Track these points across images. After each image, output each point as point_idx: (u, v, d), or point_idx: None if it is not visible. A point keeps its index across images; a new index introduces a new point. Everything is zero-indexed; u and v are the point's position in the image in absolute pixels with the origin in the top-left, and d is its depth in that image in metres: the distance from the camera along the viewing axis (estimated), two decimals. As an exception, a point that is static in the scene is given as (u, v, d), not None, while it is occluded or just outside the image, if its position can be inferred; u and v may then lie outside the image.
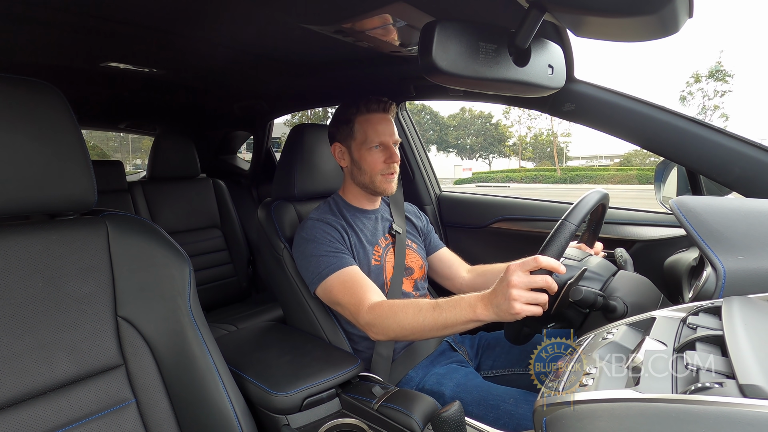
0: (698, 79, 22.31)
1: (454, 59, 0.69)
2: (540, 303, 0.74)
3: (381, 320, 0.92)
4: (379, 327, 0.93)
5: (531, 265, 0.74)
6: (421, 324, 0.87)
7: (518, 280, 0.73)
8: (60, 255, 0.68)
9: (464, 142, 34.49)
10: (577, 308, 0.82)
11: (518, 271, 0.74)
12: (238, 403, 0.78)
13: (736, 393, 0.38)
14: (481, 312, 0.79)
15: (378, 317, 0.93)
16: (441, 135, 33.91)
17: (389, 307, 0.93)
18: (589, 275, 0.86)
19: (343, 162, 1.17)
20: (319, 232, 1.07)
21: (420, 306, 0.88)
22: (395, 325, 0.90)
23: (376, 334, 0.95)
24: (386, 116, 1.14)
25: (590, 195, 0.87)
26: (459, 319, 0.82)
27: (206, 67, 1.46)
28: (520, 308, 0.73)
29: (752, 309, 0.53)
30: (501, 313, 0.76)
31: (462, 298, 0.84)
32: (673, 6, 0.55)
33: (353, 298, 0.99)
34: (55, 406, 0.64)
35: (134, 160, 28.63)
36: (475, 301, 0.81)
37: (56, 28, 1.05)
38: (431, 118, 34.00)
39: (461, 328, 0.84)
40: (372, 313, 0.94)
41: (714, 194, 1.09)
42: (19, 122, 0.63)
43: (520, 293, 0.73)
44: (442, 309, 0.85)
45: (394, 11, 0.89)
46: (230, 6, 0.92)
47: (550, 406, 0.50)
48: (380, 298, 0.99)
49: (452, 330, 0.85)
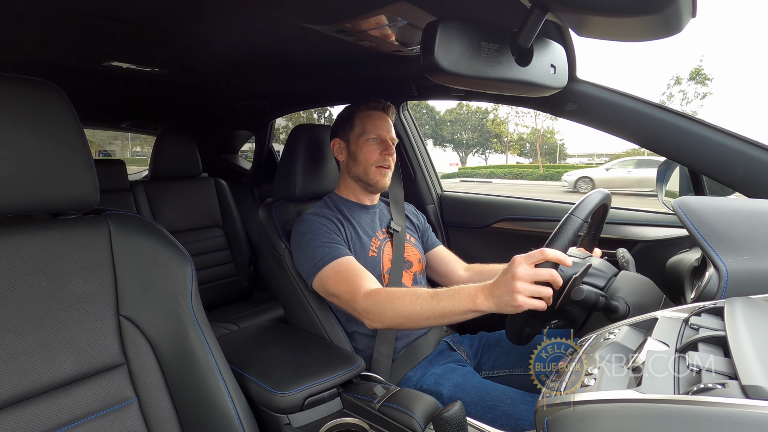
0: (678, 81, 22.34)
1: (456, 59, 0.69)
2: (544, 297, 0.73)
3: (377, 306, 0.91)
4: (375, 314, 0.92)
5: (537, 257, 0.73)
6: (419, 312, 0.85)
7: (523, 272, 0.72)
8: (62, 254, 0.68)
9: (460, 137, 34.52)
10: (579, 306, 0.82)
11: (523, 263, 0.73)
12: (240, 403, 0.78)
13: (739, 394, 0.38)
14: (482, 302, 0.78)
15: (374, 303, 0.92)
16: (436, 130, 33.82)
17: (386, 294, 0.92)
18: (593, 272, 0.86)
19: (340, 156, 1.20)
20: (314, 224, 1.08)
21: (418, 294, 0.88)
22: (392, 311, 0.89)
23: (372, 321, 0.93)
24: (385, 115, 1.19)
25: (594, 193, 0.88)
26: (458, 308, 0.81)
27: (208, 66, 1.46)
28: (523, 301, 0.72)
29: (755, 310, 0.53)
30: (502, 305, 0.75)
31: (462, 288, 0.83)
32: (676, 6, 0.55)
33: (349, 285, 0.98)
34: (57, 405, 0.64)
35: (134, 147, 28.54)
36: (476, 292, 0.80)
37: (59, 28, 1.05)
38: (427, 112, 33.93)
39: (459, 318, 0.83)
40: (369, 299, 0.93)
41: (716, 194, 1.08)
42: (22, 121, 0.63)
43: (524, 285, 0.72)
44: (440, 298, 0.84)
45: (396, 11, 0.89)
46: (232, 6, 0.92)
47: (551, 406, 0.50)
48: (377, 286, 0.99)
49: (450, 319, 0.84)
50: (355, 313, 0.99)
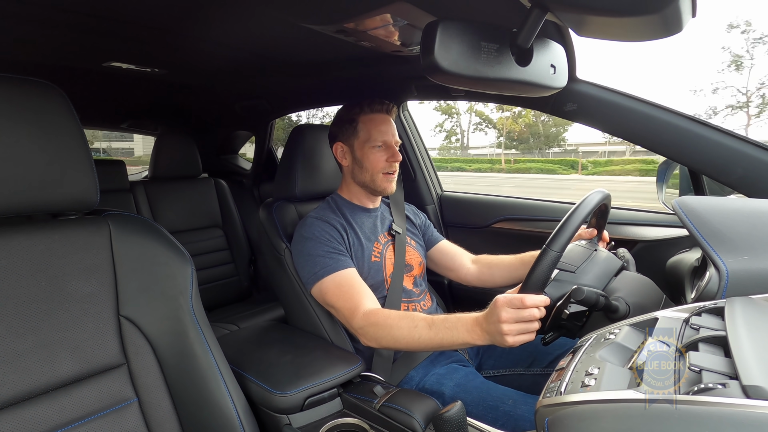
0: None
1: (456, 59, 0.69)
2: (531, 330, 0.78)
3: (375, 329, 0.93)
4: (371, 335, 0.94)
5: (517, 304, 0.76)
6: (417, 340, 0.88)
7: (507, 316, 0.76)
8: (62, 254, 0.68)
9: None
10: (573, 321, 0.82)
11: (506, 307, 0.77)
12: (240, 403, 0.78)
13: (739, 394, 0.38)
14: (478, 338, 0.82)
15: (372, 325, 0.94)
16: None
17: (384, 318, 0.94)
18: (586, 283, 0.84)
19: (344, 161, 1.18)
20: (318, 231, 1.08)
21: (416, 322, 0.89)
22: (389, 336, 0.92)
23: (368, 341, 0.96)
24: (388, 117, 1.17)
25: (572, 219, 0.82)
26: (456, 341, 0.85)
27: (208, 66, 1.46)
28: (513, 340, 0.77)
29: (755, 310, 0.53)
30: (496, 342, 0.80)
31: (459, 320, 0.85)
32: (676, 5, 0.55)
33: (348, 302, 0.99)
34: (57, 405, 0.64)
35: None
36: (472, 326, 0.83)
37: (59, 28, 1.05)
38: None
39: (455, 348, 0.88)
40: (366, 320, 0.95)
41: (716, 194, 1.08)
42: (22, 122, 0.63)
43: (510, 327, 0.76)
44: (438, 328, 0.87)
45: (396, 11, 0.89)
46: (232, 6, 0.92)
47: (552, 406, 0.50)
48: (375, 305, 1.00)
49: (445, 348, 0.90)
50: (350, 329, 1.01)
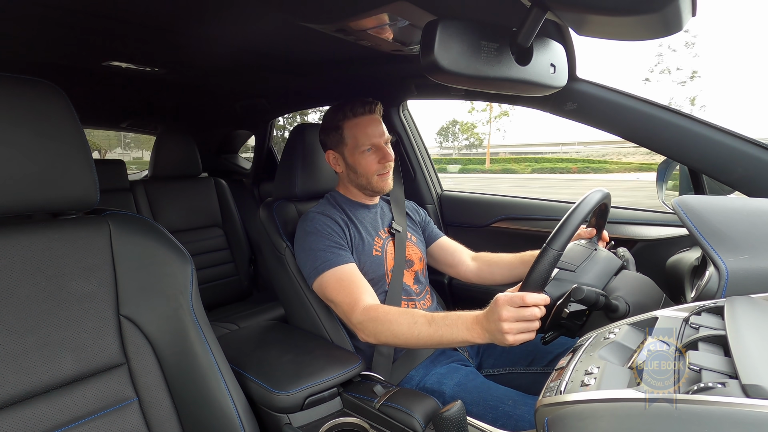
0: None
1: (456, 58, 0.68)
2: (531, 329, 0.78)
3: (374, 324, 0.94)
4: (370, 330, 0.94)
5: (518, 302, 0.76)
6: (416, 337, 0.88)
7: (508, 314, 0.76)
8: (62, 254, 0.68)
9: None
10: (573, 320, 0.82)
11: (506, 305, 0.77)
12: (240, 402, 0.78)
13: (739, 393, 0.38)
14: (478, 336, 0.82)
15: (371, 320, 0.94)
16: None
17: (384, 313, 0.94)
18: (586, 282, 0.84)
19: (338, 168, 1.18)
20: (320, 225, 1.08)
21: (415, 318, 0.89)
22: (388, 332, 0.92)
23: (367, 336, 0.96)
24: (374, 117, 1.14)
25: (572, 218, 0.82)
26: (455, 338, 0.85)
27: (208, 66, 1.46)
28: (514, 339, 0.77)
29: (755, 309, 0.53)
30: (496, 341, 0.80)
31: (459, 317, 0.85)
32: (676, 5, 0.55)
33: (348, 297, 0.99)
34: (57, 405, 0.64)
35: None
36: (472, 324, 0.83)
37: (59, 28, 1.05)
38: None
39: (454, 345, 0.88)
40: (366, 315, 0.95)
41: (716, 194, 1.08)
42: (22, 121, 0.63)
43: (510, 326, 0.76)
44: (438, 325, 0.87)
45: (396, 10, 0.89)
46: (232, 5, 0.92)
47: (551, 405, 0.50)
48: (375, 301, 1.00)
49: (444, 346, 0.89)
50: (349, 324, 1.01)
